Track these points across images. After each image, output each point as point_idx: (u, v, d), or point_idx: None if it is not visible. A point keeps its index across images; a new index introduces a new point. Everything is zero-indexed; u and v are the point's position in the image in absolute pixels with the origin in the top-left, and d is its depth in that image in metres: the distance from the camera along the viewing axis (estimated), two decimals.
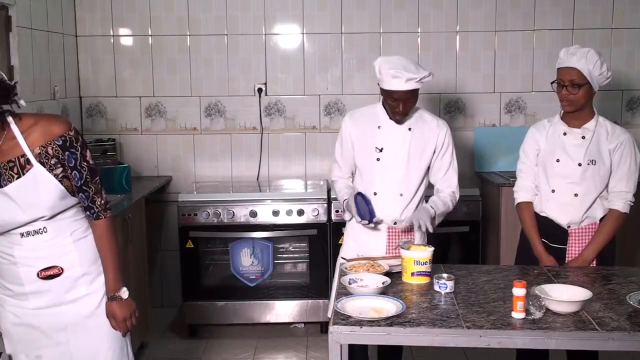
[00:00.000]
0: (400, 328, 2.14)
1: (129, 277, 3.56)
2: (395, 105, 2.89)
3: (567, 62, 2.86)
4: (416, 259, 2.55)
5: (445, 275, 2.46)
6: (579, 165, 2.92)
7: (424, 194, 3.07)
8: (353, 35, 4.62)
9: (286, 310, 4.30)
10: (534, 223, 3.02)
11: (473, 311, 2.26)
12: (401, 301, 2.29)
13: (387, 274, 2.58)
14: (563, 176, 2.95)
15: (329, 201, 4.19)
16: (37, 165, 2.11)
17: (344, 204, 3.07)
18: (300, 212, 4.17)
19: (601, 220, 2.96)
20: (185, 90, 4.67)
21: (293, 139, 4.72)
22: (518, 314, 2.19)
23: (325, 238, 4.20)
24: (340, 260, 3.04)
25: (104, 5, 4.58)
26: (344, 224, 3.25)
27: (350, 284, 2.48)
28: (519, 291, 2.20)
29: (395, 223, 3.00)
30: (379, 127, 3.00)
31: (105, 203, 2.25)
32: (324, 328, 4.29)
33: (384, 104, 3.00)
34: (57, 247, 2.20)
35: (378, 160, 2.99)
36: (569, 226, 2.96)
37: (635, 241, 4.25)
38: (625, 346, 2.13)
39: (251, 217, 4.18)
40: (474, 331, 2.12)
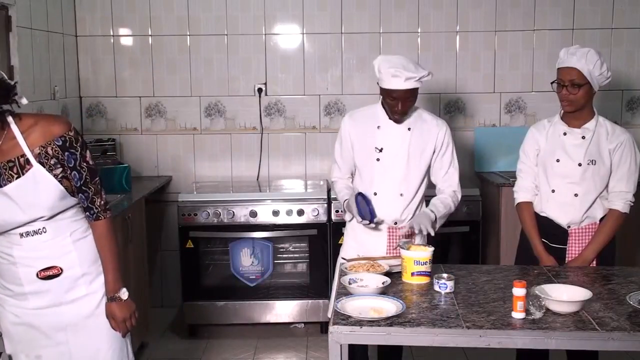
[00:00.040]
0: (400, 328, 2.14)
1: (129, 277, 3.56)
2: (394, 105, 2.89)
3: (567, 62, 2.86)
4: (416, 259, 2.55)
5: (445, 275, 2.46)
6: (579, 165, 2.92)
7: (425, 194, 3.08)
8: (353, 35, 4.62)
9: (286, 310, 4.30)
10: (534, 223, 3.02)
11: (473, 311, 2.26)
12: (401, 301, 2.29)
13: (387, 274, 2.58)
14: (563, 176, 2.95)
15: (329, 201, 4.19)
16: (37, 166, 2.11)
17: (344, 205, 3.06)
18: (300, 212, 4.17)
19: (601, 220, 2.96)
20: (185, 90, 4.67)
21: (293, 139, 4.72)
22: (518, 314, 2.19)
23: (325, 238, 4.20)
24: (340, 260, 3.04)
25: (104, 5, 4.58)
26: (344, 224, 3.24)
27: (350, 284, 2.48)
28: (519, 291, 2.20)
29: (395, 223, 3.00)
30: (379, 127, 3.00)
31: (105, 204, 2.25)
32: (324, 328, 4.29)
33: (383, 104, 3.00)
34: (57, 248, 2.19)
35: (378, 160, 2.99)
36: (569, 226, 2.96)
37: (635, 241, 4.25)
38: (625, 346, 2.13)
39: (251, 217, 4.18)
40: (474, 331, 2.11)
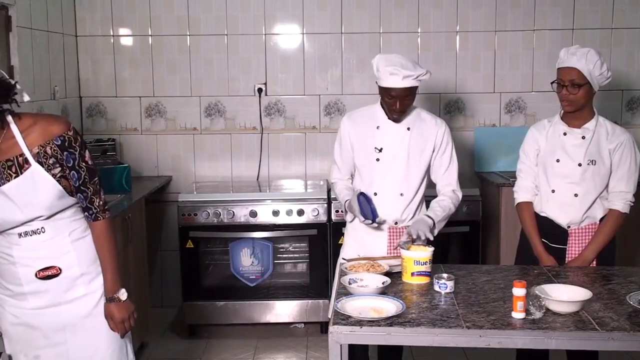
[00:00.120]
0: (400, 328, 2.13)
1: (128, 277, 3.57)
2: (392, 103, 2.89)
3: (567, 62, 2.86)
4: (416, 259, 2.55)
5: (445, 275, 2.46)
6: (579, 165, 2.91)
7: (425, 194, 3.08)
8: (353, 35, 4.62)
9: (286, 310, 4.30)
10: (534, 223, 3.02)
11: (473, 311, 2.26)
12: (401, 301, 2.29)
13: (387, 274, 2.58)
14: (563, 176, 2.95)
15: (329, 201, 4.19)
16: (35, 165, 2.11)
17: (345, 205, 3.06)
18: (300, 212, 4.17)
19: (601, 220, 2.96)
20: (185, 90, 4.67)
21: (293, 139, 4.72)
22: (518, 314, 2.19)
23: (325, 238, 4.20)
24: (340, 260, 3.04)
25: (104, 5, 4.58)
26: (344, 224, 3.24)
27: (350, 284, 2.47)
28: (519, 291, 2.19)
29: (396, 223, 3.00)
30: (378, 128, 3.00)
31: (103, 204, 2.25)
32: (324, 328, 4.29)
33: (382, 104, 3.00)
34: (56, 247, 2.19)
35: (377, 160, 2.98)
36: (569, 226, 2.96)
37: (635, 241, 4.25)
38: (625, 346, 2.13)
39: (251, 217, 4.17)
40: (474, 331, 2.11)
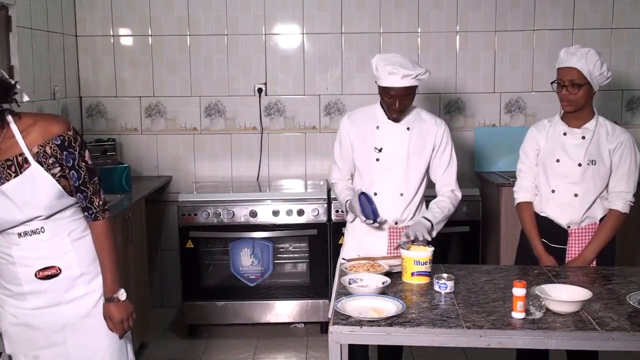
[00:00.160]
0: (400, 328, 2.13)
1: (128, 277, 3.57)
2: (391, 103, 2.89)
3: (567, 62, 2.86)
4: (416, 259, 2.55)
5: (445, 275, 2.46)
6: (579, 165, 2.91)
7: (425, 194, 3.07)
8: (353, 35, 4.62)
9: (286, 310, 4.30)
10: (534, 223, 3.02)
11: (473, 311, 2.26)
12: (401, 301, 2.29)
13: (387, 274, 2.58)
14: (563, 176, 2.94)
15: (329, 201, 4.19)
16: (35, 165, 2.11)
17: (346, 205, 3.05)
18: (300, 212, 4.17)
19: (601, 220, 2.96)
20: (185, 90, 4.67)
21: (293, 139, 4.72)
22: (518, 314, 2.19)
23: (325, 238, 4.20)
24: (340, 260, 3.04)
25: (104, 5, 4.58)
26: (344, 224, 3.24)
27: (350, 284, 2.47)
28: (519, 291, 2.19)
29: (396, 223, 2.99)
30: (378, 127, 3.00)
31: (103, 204, 2.24)
32: (324, 328, 4.29)
33: (381, 104, 3.00)
34: (55, 247, 2.19)
35: (377, 160, 2.98)
36: (569, 226, 2.96)
37: (635, 241, 4.25)
38: (625, 346, 2.13)
39: (251, 217, 4.17)
40: (474, 331, 2.11)
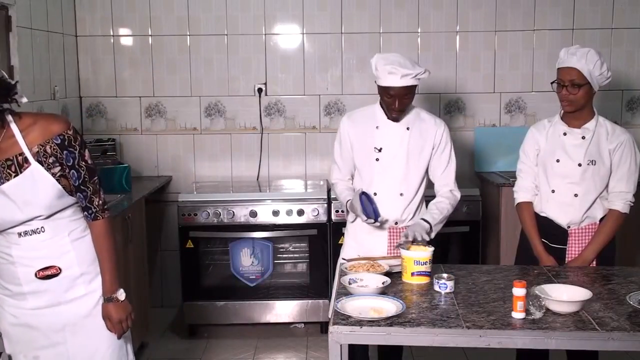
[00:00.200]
0: (400, 328, 2.13)
1: (128, 277, 3.57)
2: (391, 102, 2.89)
3: (567, 62, 2.86)
4: (416, 259, 2.55)
5: (445, 275, 2.46)
6: (579, 165, 2.91)
7: (425, 194, 3.07)
8: (353, 35, 4.62)
9: (286, 310, 4.30)
10: (534, 223, 3.02)
11: (473, 311, 2.26)
12: (401, 301, 2.29)
13: (387, 274, 2.58)
14: (563, 176, 2.94)
15: (329, 201, 4.19)
16: (35, 164, 2.11)
17: (347, 205, 3.05)
18: (300, 212, 4.17)
19: (601, 220, 2.96)
20: (185, 90, 4.67)
21: (293, 139, 4.72)
22: (518, 314, 2.19)
23: (325, 238, 4.19)
24: (340, 260, 3.04)
25: (104, 5, 4.58)
26: (344, 224, 3.24)
27: (350, 284, 2.47)
28: (519, 291, 2.19)
29: (396, 223, 3.00)
30: (377, 127, 3.00)
31: (103, 204, 2.24)
32: (324, 328, 4.29)
33: (381, 104, 3.00)
34: (55, 247, 2.19)
35: (377, 160, 2.98)
36: (568, 226, 2.96)
37: (635, 241, 4.25)
38: (625, 346, 2.13)
39: (251, 217, 4.17)
40: (474, 331, 2.11)
